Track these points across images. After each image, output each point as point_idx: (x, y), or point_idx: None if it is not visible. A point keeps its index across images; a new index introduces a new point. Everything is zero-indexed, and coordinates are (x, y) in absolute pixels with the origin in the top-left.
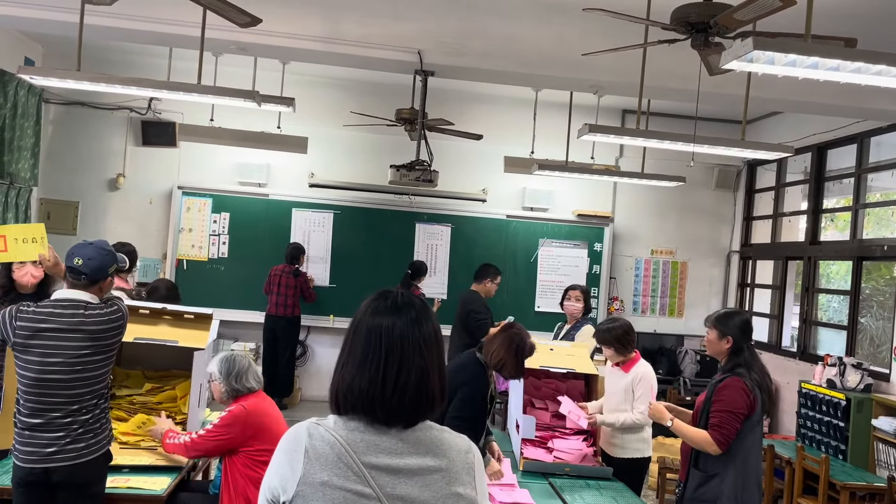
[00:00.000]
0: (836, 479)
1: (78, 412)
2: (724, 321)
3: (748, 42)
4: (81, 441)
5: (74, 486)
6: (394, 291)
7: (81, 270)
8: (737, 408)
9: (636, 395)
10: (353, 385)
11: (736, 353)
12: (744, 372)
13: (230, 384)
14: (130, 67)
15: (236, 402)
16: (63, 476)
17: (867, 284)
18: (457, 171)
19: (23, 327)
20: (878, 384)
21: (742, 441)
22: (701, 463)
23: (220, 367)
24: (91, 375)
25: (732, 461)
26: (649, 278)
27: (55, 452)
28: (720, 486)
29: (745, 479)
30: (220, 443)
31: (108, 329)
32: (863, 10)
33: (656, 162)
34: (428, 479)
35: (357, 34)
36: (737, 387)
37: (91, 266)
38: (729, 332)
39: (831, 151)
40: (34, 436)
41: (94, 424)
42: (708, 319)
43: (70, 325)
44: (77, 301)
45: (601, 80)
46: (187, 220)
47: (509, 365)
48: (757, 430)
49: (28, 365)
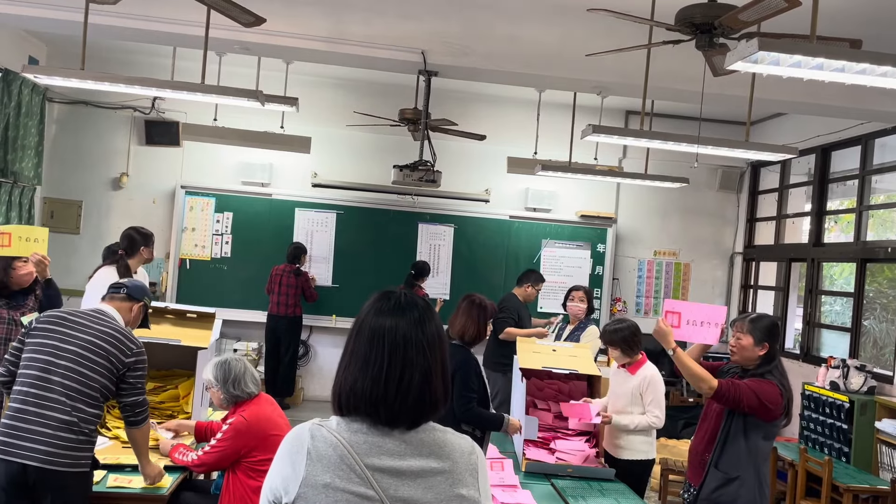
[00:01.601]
0: (839, 482)
1: (69, 417)
2: (758, 327)
3: (753, 43)
4: (61, 447)
5: (52, 489)
6: (397, 292)
7: (124, 284)
8: (764, 396)
9: (646, 399)
10: (356, 386)
11: (769, 359)
12: (777, 379)
13: (228, 391)
14: (134, 67)
15: (236, 410)
16: (38, 477)
17: (871, 286)
18: (460, 172)
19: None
20: (882, 386)
21: (763, 446)
22: (722, 464)
23: (216, 373)
24: (90, 394)
25: (754, 464)
26: (652, 279)
27: (32, 449)
28: (739, 489)
29: (762, 483)
30: (224, 455)
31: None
32: (868, 11)
33: (660, 163)
34: (431, 481)
35: (361, 34)
36: (775, 388)
37: (134, 284)
38: (766, 338)
39: (835, 153)
40: (15, 426)
41: (78, 434)
42: (741, 324)
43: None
44: (106, 314)
45: (605, 81)
46: (190, 219)
47: (473, 330)
48: (773, 439)
49: (33, 361)
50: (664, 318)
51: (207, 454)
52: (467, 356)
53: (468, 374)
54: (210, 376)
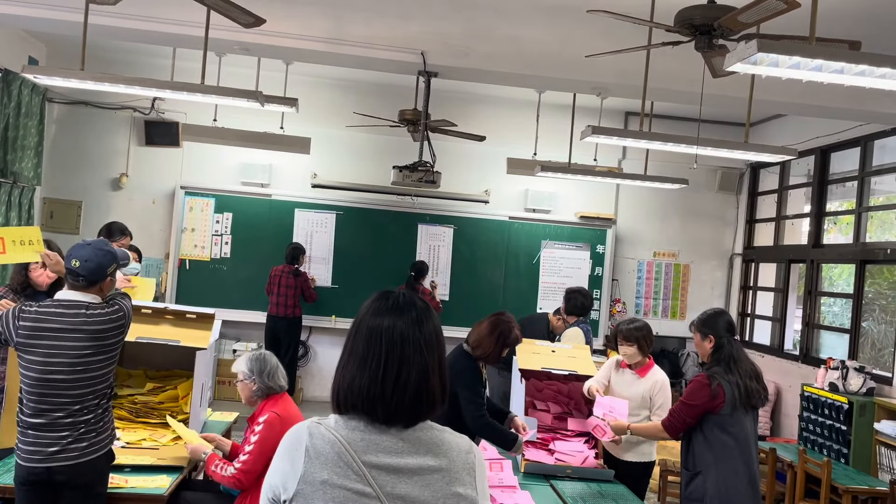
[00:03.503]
0: (837, 483)
1: (80, 412)
2: (703, 322)
3: (752, 44)
4: (84, 440)
5: (77, 485)
6: (395, 292)
7: (79, 272)
8: (692, 399)
9: (657, 402)
10: (354, 384)
11: (717, 350)
12: (718, 370)
13: (264, 381)
14: (134, 67)
15: (265, 404)
16: (66, 476)
17: (870, 288)
18: (459, 173)
19: (25, 327)
20: (881, 388)
21: (719, 437)
22: (688, 462)
23: (252, 366)
24: (94, 375)
25: (712, 458)
26: (651, 280)
27: (57, 452)
28: (704, 483)
29: (732, 478)
30: (266, 456)
31: (109, 329)
32: (867, 12)
33: (659, 164)
34: (428, 479)
35: (360, 35)
36: (698, 381)
37: (88, 268)
38: (710, 331)
39: (835, 154)
40: (37, 435)
41: (96, 424)
42: (692, 324)
43: (72, 325)
44: (77, 302)
45: (604, 82)
46: (190, 219)
47: (487, 349)
48: (738, 428)
49: (31, 365)
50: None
51: (249, 461)
52: (471, 364)
53: (473, 380)
54: (244, 368)
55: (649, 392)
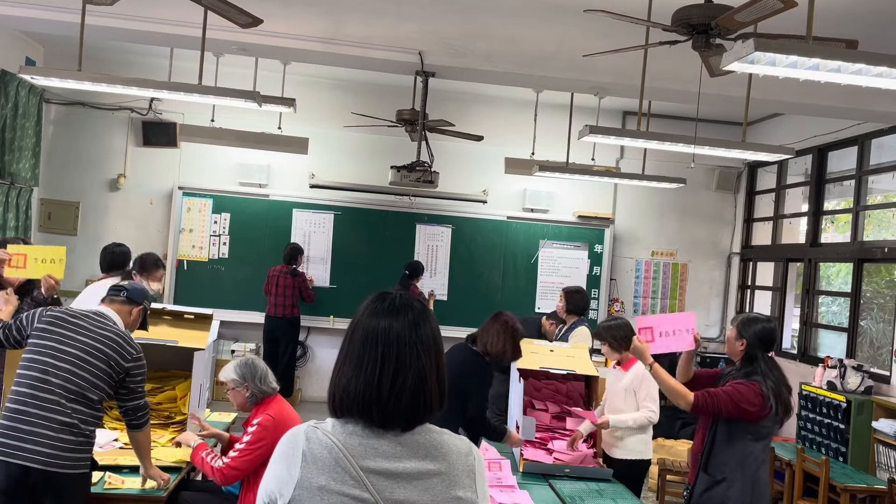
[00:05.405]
0: (836, 482)
1: (68, 415)
2: (746, 324)
3: (749, 43)
4: (63, 448)
5: (54, 491)
6: (392, 293)
7: (125, 287)
8: (742, 399)
9: (640, 394)
10: (350, 387)
11: (750, 360)
12: (759, 379)
13: (256, 386)
14: (131, 68)
15: (259, 409)
16: (41, 479)
17: (868, 287)
18: (457, 173)
19: (47, 320)
20: (879, 386)
21: (748, 446)
22: (710, 467)
23: (242, 371)
24: (92, 382)
25: (740, 467)
26: (650, 280)
27: (34, 451)
28: (727, 491)
29: (754, 487)
30: (255, 457)
31: (133, 370)
32: (864, 12)
33: (657, 163)
34: (427, 483)
35: (358, 35)
36: (753, 389)
37: (135, 287)
38: (746, 335)
39: (832, 153)
40: (16, 428)
41: (78, 436)
42: (734, 318)
43: (94, 326)
44: (108, 315)
45: (602, 82)
46: (188, 220)
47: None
48: (767, 440)
49: (38, 356)
50: (639, 336)
51: (238, 459)
52: (486, 367)
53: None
54: (234, 376)
55: (631, 384)
